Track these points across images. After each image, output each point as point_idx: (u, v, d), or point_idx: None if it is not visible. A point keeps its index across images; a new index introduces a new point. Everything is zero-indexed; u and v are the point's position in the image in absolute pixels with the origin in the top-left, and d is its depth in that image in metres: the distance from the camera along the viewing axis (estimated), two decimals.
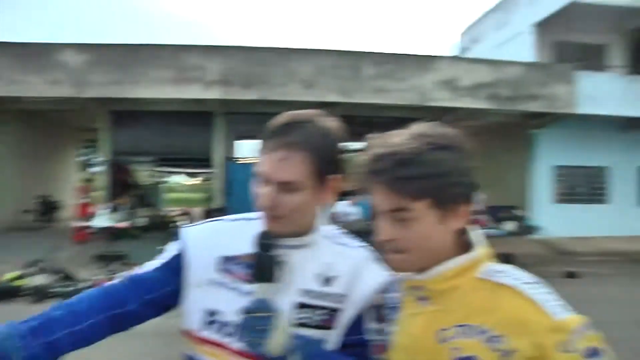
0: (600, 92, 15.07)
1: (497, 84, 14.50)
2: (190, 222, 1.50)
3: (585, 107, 15.01)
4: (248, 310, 1.24)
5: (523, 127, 16.78)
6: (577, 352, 1.01)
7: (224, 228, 1.47)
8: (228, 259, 1.38)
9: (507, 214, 13.86)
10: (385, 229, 1.10)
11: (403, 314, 1.20)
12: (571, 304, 1.07)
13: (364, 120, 15.89)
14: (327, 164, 1.30)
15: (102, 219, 12.18)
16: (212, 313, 1.36)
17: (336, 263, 1.39)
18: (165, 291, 1.40)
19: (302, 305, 1.34)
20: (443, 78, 14.19)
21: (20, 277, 8.53)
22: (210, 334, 1.35)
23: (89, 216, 12.87)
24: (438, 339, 1.10)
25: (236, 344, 1.31)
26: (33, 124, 17.27)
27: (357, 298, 1.36)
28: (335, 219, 11.21)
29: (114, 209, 13.13)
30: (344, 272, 1.38)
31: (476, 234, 1.17)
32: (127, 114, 15.51)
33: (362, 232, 2.19)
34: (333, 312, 1.36)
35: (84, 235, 12.73)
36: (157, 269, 1.42)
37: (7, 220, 15.88)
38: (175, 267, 1.41)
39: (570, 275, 10.90)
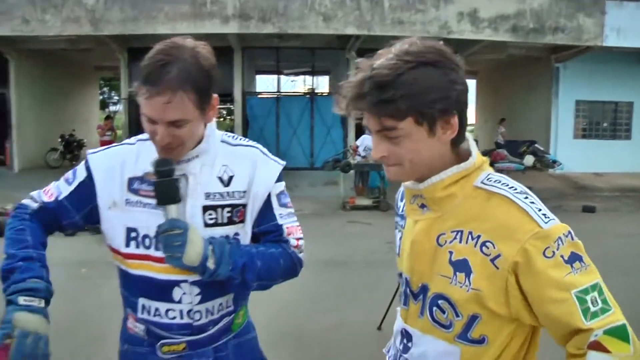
0: (629, 24, 14.54)
1: (521, 15, 14.04)
2: None
3: (612, 40, 14.54)
4: (162, 231, 1.38)
5: (546, 61, 16.39)
6: (560, 257, 1.07)
7: (126, 151, 1.58)
8: (135, 179, 1.52)
9: (527, 148, 13.77)
10: (378, 147, 1.17)
11: (407, 221, 1.31)
12: (587, 237, 1.12)
13: None
14: (206, 93, 1.41)
15: None
16: (132, 230, 1.51)
17: (232, 164, 1.56)
18: (73, 220, 1.56)
19: (209, 207, 1.51)
20: (465, 9, 13.79)
21: None
22: (134, 249, 1.51)
23: None
24: (437, 243, 1.20)
25: (157, 253, 1.48)
26: (52, 63, 17.35)
27: (257, 189, 1.56)
28: (357, 152, 11.32)
29: None
30: (241, 170, 1.55)
31: (473, 144, 1.22)
32: (145, 51, 15.33)
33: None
34: (239, 207, 1.54)
35: None
36: (67, 197, 1.55)
37: (33, 159, 16.28)
38: (82, 195, 1.54)
39: (588, 209, 10.93)
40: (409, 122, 1.11)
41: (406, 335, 1.30)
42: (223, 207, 1.53)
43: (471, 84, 23.68)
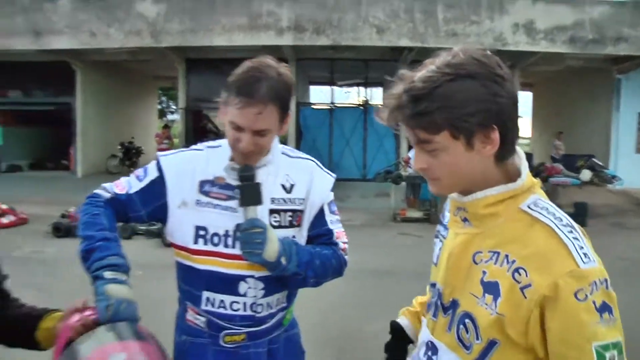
0: None
1: (579, 25, 13.68)
2: None
3: None
4: (244, 228, 1.57)
5: (607, 72, 15.86)
6: (592, 303, 1.01)
7: (196, 156, 1.75)
8: (206, 182, 1.69)
9: (584, 162, 13.36)
10: (417, 159, 1.17)
11: (449, 232, 1.29)
12: None
13: None
14: (287, 107, 1.63)
15: None
16: (200, 228, 1.67)
17: (293, 173, 1.75)
18: (139, 214, 1.71)
19: (273, 211, 1.70)
20: (520, 20, 13.56)
21: None
22: (202, 246, 1.67)
23: None
24: (473, 260, 1.17)
25: (226, 250, 1.65)
26: (115, 74, 18.12)
27: (314, 198, 1.76)
28: (409, 164, 11.30)
29: None
30: (300, 179, 1.75)
31: (524, 164, 1.18)
32: (202, 62, 15.96)
33: None
34: (298, 212, 1.74)
35: None
36: (137, 193, 1.70)
37: (94, 165, 17.01)
38: (152, 192, 1.70)
39: None
40: (444, 135, 1.09)
41: (432, 348, 1.29)
42: (285, 211, 1.72)
43: (527, 96, 23.16)
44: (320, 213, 1.79)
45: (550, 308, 1.03)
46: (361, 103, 17.83)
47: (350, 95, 21.00)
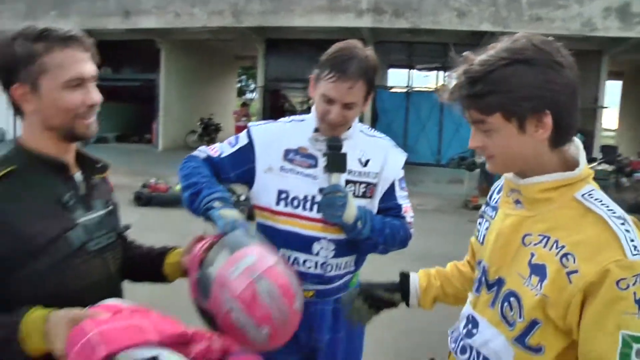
0: None
1: None
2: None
3: None
4: (328, 192, 1.77)
5: None
6: (632, 294, 1.04)
7: (283, 127, 1.96)
8: (291, 151, 1.89)
9: None
10: (473, 138, 1.24)
11: (499, 213, 1.34)
12: None
13: None
14: (372, 86, 1.81)
15: None
16: (282, 192, 1.86)
17: (369, 149, 1.93)
18: (228, 176, 1.90)
19: (349, 182, 1.87)
20: (613, 4, 12.76)
21: None
22: (283, 208, 1.85)
23: None
24: (522, 241, 1.22)
25: (304, 212, 1.84)
26: (197, 52, 18.70)
27: (387, 174, 1.94)
28: None
29: None
30: (375, 155, 1.93)
31: (582, 154, 1.22)
32: (281, 42, 16.21)
33: None
34: (371, 185, 1.92)
35: None
36: (227, 157, 1.90)
37: (174, 139, 17.72)
38: (241, 157, 1.90)
39: None
40: (497, 117, 1.15)
41: (472, 322, 1.35)
42: (360, 183, 1.91)
43: (615, 85, 21.94)
44: (391, 188, 1.96)
45: (593, 294, 1.07)
46: (439, 88, 17.52)
47: (428, 80, 20.71)
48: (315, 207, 1.84)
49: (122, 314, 1.16)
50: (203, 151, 1.95)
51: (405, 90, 17.22)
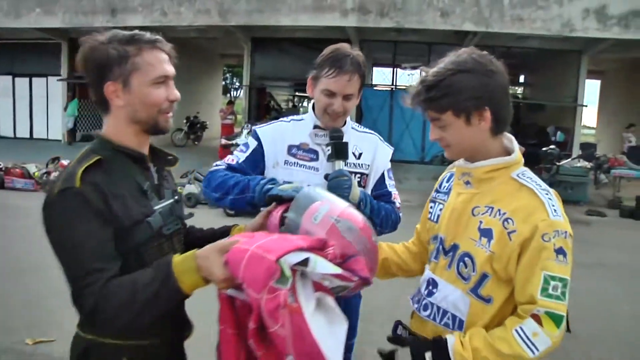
0: None
1: None
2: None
3: None
4: (334, 176, 1.97)
5: None
6: (552, 245, 1.41)
7: (285, 126, 2.21)
8: (293, 146, 2.14)
9: None
10: (432, 132, 1.58)
11: (452, 193, 1.67)
12: None
13: (502, 51, 15.35)
14: (364, 80, 2.09)
15: (242, 139, 13.17)
16: (288, 183, 1.98)
17: (360, 144, 2.19)
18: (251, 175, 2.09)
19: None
20: (592, 6, 13.08)
21: None
22: None
23: (232, 135, 14.00)
24: (472, 213, 1.55)
25: None
26: (183, 51, 18.36)
27: (378, 165, 2.21)
28: None
29: None
30: (366, 149, 2.19)
31: (515, 144, 1.57)
32: (267, 41, 16.37)
33: None
34: (364, 175, 2.19)
35: (228, 153, 13.94)
36: (244, 161, 2.13)
37: (161, 137, 17.34)
38: (255, 158, 2.14)
39: None
40: (448, 114, 1.49)
41: (432, 283, 1.65)
42: (355, 173, 2.14)
43: (594, 84, 22.35)
44: (382, 177, 2.23)
45: (526, 247, 1.44)
46: (405, 92, 17.74)
47: (412, 78, 20.96)
48: None
49: (257, 236, 1.34)
50: (222, 163, 2.16)
51: (389, 88, 17.46)
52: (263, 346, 1.27)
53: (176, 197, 1.64)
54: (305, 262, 1.26)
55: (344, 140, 2.06)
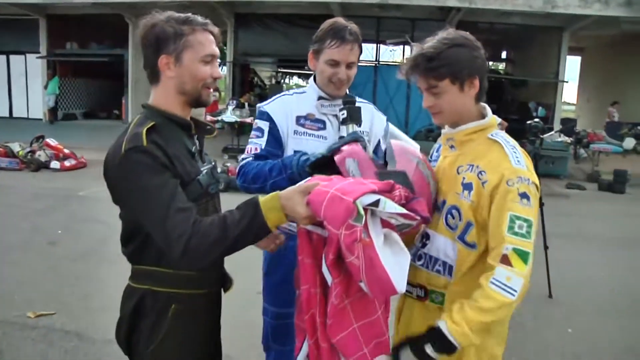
0: None
1: None
2: None
3: None
4: (350, 139, 2.00)
5: None
6: (516, 189, 1.58)
7: (289, 99, 2.33)
8: (301, 117, 2.26)
9: (628, 130, 13.23)
10: (427, 100, 1.75)
11: (440, 157, 1.87)
12: None
13: (485, 27, 15.44)
14: (361, 51, 2.22)
15: (228, 115, 13.16)
16: (297, 152, 2.14)
17: (362, 113, 2.22)
18: (279, 153, 2.24)
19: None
20: None
21: None
22: None
23: (216, 112, 13.95)
24: (456, 171, 1.74)
25: None
26: None
27: (375, 131, 2.37)
28: None
29: (238, 106, 14.07)
30: (365, 117, 2.25)
31: (489, 110, 1.78)
32: (250, 17, 16.23)
33: None
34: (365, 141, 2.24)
35: None
36: (267, 144, 2.24)
37: None
38: (275, 136, 2.25)
39: None
40: (446, 82, 1.68)
41: (425, 236, 1.83)
42: None
43: (574, 61, 22.56)
44: (378, 144, 2.37)
45: (494, 193, 1.63)
46: (401, 64, 17.79)
47: (395, 54, 20.99)
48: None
49: (334, 180, 1.52)
50: (247, 155, 2.26)
51: (373, 64, 17.49)
52: (338, 274, 1.51)
53: (213, 163, 1.81)
54: (376, 203, 1.43)
55: (356, 106, 2.18)
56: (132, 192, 1.51)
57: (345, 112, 2.16)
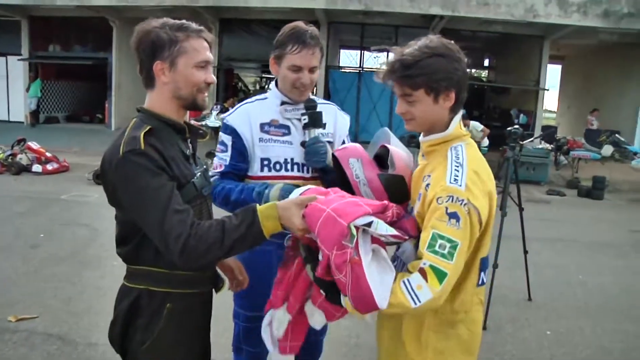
0: None
1: None
2: None
3: None
4: (311, 143, 2.14)
5: None
6: (445, 208, 1.55)
7: (251, 106, 2.30)
8: (265, 124, 2.23)
9: (606, 138, 13.45)
10: (400, 106, 1.72)
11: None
12: None
13: (468, 35, 15.61)
14: (323, 54, 2.21)
15: (212, 120, 13.14)
16: (265, 159, 2.21)
17: (325, 114, 2.28)
18: (245, 167, 2.25)
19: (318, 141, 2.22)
20: None
21: None
22: (267, 173, 2.22)
23: (200, 117, 13.90)
24: (422, 180, 1.72)
25: (287, 173, 2.21)
26: None
27: (339, 132, 2.38)
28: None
29: (222, 111, 14.04)
30: (328, 118, 2.31)
31: (454, 121, 1.72)
32: (235, 22, 16.26)
33: None
34: (331, 143, 2.28)
35: None
36: (231, 160, 2.22)
37: (127, 118, 16.31)
38: (239, 150, 2.22)
39: None
40: (421, 92, 1.65)
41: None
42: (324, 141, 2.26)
43: (555, 69, 22.87)
44: (342, 144, 2.34)
45: (428, 208, 1.61)
46: (377, 72, 17.91)
47: (379, 60, 21.12)
48: (296, 166, 2.22)
49: (331, 195, 1.60)
50: (213, 173, 2.24)
51: (357, 70, 17.59)
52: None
53: (205, 167, 1.84)
54: (369, 224, 1.50)
55: (317, 110, 2.20)
56: (129, 194, 1.54)
57: (307, 117, 2.20)
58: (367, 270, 1.47)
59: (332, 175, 2.11)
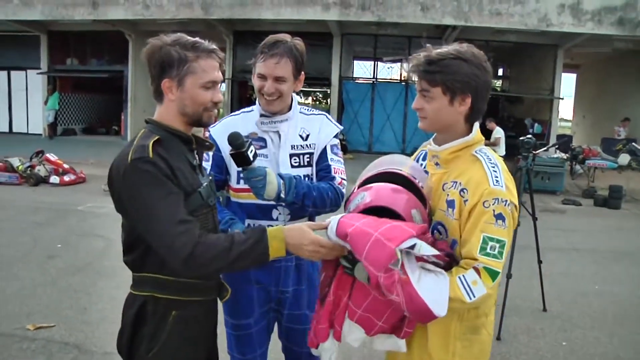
0: None
1: (630, 6, 13.37)
2: None
3: None
4: (247, 178, 2.00)
5: None
6: (492, 210, 1.60)
7: (234, 119, 2.30)
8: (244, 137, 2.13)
9: (623, 146, 13.29)
10: (417, 101, 1.75)
11: (428, 174, 1.86)
12: None
13: (481, 45, 15.59)
14: (300, 65, 2.16)
15: None
16: (241, 172, 2.11)
17: (308, 126, 2.29)
18: (224, 178, 2.25)
19: (293, 155, 2.24)
20: (567, 1, 13.44)
21: None
22: (243, 185, 2.14)
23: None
24: (442, 189, 1.75)
25: None
26: None
27: (320, 141, 2.29)
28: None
29: None
30: (312, 129, 2.29)
31: (476, 126, 1.76)
32: (249, 34, 16.39)
33: None
34: (313, 154, 2.28)
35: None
36: (211, 168, 2.18)
37: None
38: (217, 163, 2.21)
39: None
40: (438, 90, 1.68)
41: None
42: (304, 154, 2.26)
43: (570, 78, 22.73)
44: (323, 152, 2.30)
45: (472, 212, 1.64)
46: (403, 79, 18.03)
47: (392, 71, 21.18)
48: None
49: (375, 221, 1.58)
50: None
51: (370, 81, 17.65)
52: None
53: (211, 178, 1.87)
54: (412, 247, 1.52)
55: (242, 150, 1.95)
56: (136, 201, 1.57)
57: (231, 158, 2.03)
58: (417, 286, 1.51)
59: (282, 201, 2.08)
